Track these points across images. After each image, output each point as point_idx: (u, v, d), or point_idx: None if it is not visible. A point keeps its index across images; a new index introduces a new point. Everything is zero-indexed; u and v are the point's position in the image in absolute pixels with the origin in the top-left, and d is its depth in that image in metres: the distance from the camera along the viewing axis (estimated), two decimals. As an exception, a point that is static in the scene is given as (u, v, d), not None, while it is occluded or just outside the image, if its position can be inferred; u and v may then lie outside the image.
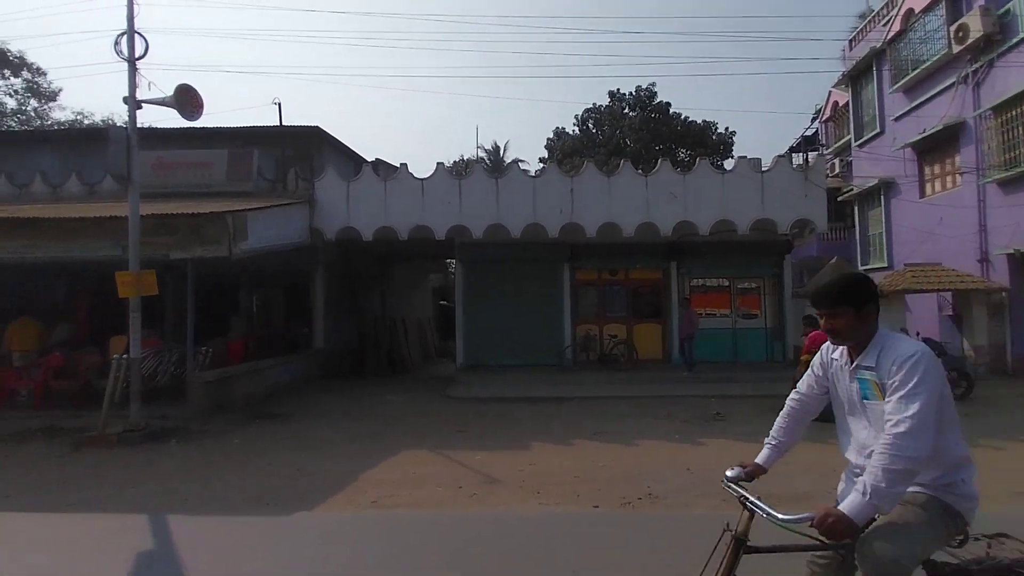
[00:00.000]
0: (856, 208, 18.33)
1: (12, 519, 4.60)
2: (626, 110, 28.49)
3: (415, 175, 12.43)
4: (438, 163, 12.70)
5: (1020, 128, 11.65)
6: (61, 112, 25.91)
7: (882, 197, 16.67)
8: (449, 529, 4.32)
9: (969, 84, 13.00)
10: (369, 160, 15.37)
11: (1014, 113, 11.76)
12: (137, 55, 7.65)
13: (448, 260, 21.28)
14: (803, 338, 8.73)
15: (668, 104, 27.94)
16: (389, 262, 17.69)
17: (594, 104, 29.30)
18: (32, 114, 24.96)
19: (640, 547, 3.94)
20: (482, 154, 31.29)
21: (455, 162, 30.54)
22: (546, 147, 30.47)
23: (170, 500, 5.04)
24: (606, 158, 24.89)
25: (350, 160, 15.69)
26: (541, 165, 27.58)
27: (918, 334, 10.40)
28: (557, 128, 30.72)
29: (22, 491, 5.34)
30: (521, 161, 27.94)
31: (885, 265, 16.23)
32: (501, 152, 32.51)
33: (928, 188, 15.05)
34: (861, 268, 16.78)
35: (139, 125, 7.84)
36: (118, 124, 11.50)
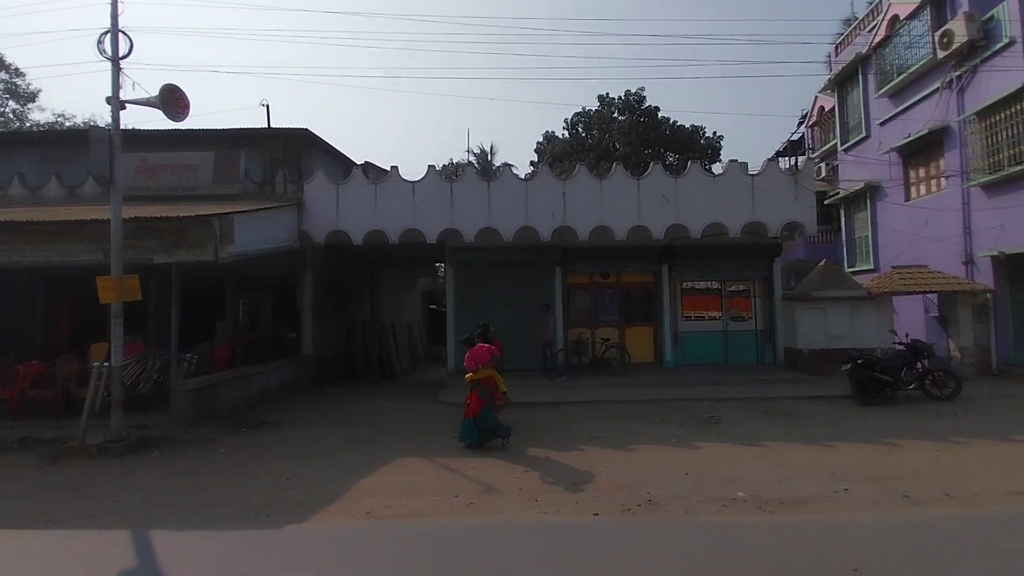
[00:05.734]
0: (842, 211, 18.54)
1: (-14, 536, 4.39)
2: (615, 114, 28.60)
3: (406, 178, 12.30)
4: (429, 166, 12.57)
5: (1003, 132, 11.85)
6: (40, 113, 25.49)
7: (868, 200, 16.88)
8: (449, 540, 4.20)
9: (953, 89, 13.21)
10: (358, 163, 15.20)
11: (998, 117, 11.96)
12: (121, 54, 7.47)
13: (437, 264, 21.14)
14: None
15: (657, 108, 28.11)
16: (378, 266, 17.51)
17: (583, 108, 29.40)
18: (11, 116, 24.38)
19: (645, 556, 3.85)
20: (471, 157, 31.21)
21: (444, 165, 30.42)
22: (536, 151, 30.49)
23: (154, 514, 4.85)
24: (596, 162, 24.94)
25: (339, 163, 15.50)
26: (531, 168, 27.60)
27: (907, 335, 10.48)
28: (547, 132, 30.79)
29: (-3, 506, 5.12)
30: (510, 165, 27.92)
31: (871, 267, 16.43)
32: (489, 156, 32.45)
33: (913, 191, 15.27)
34: (848, 270, 16.95)
35: (122, 126, 7.64)
36: (100, 125, 11.28)
